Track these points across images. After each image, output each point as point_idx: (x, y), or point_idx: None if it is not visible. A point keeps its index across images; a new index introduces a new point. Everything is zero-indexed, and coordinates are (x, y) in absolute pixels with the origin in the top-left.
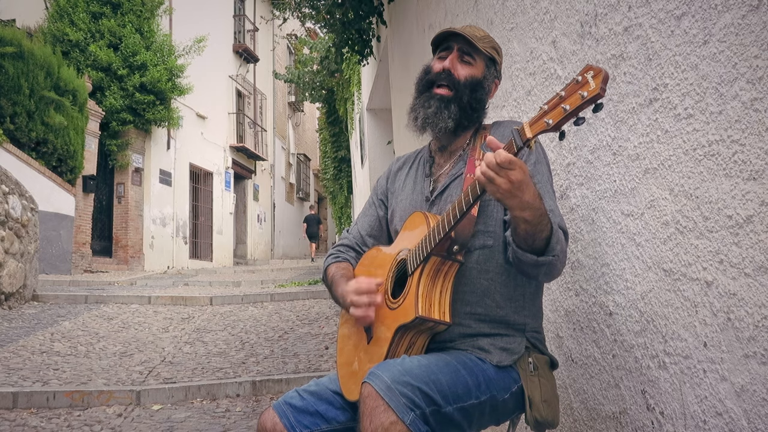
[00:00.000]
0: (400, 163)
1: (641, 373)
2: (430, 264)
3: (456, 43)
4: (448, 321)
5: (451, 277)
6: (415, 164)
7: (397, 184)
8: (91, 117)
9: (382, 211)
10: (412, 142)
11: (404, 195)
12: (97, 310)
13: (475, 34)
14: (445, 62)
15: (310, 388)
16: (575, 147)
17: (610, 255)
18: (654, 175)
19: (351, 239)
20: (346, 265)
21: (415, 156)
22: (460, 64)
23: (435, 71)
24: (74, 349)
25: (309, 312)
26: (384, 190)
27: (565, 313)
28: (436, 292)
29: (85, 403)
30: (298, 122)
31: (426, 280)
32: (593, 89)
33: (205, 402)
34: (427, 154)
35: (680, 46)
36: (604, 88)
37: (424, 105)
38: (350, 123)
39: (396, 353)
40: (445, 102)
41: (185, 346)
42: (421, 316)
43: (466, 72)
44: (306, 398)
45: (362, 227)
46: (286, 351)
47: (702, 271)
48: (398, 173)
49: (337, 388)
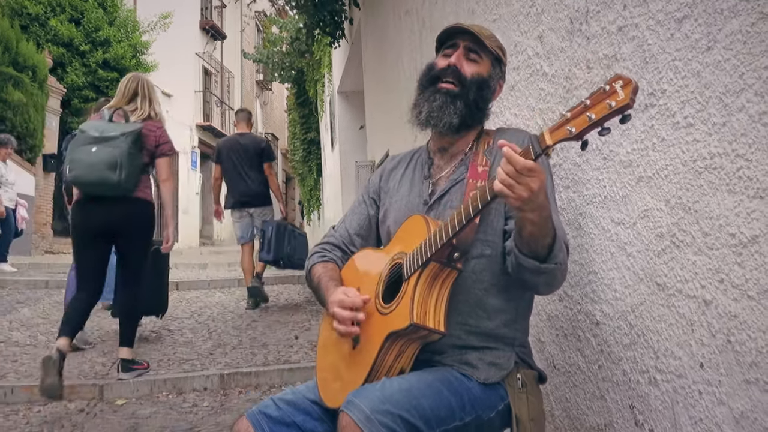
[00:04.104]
0: (395, 162)
1: (630, 387)
2: (429, 270)
3: (462, 40)
4: (442, 331)
5: (448, 285)
6: (411, 164)
7: (391, 184)
8: (52, 94)
9: (373, 210)
10: (388, 127)
11: (399, 196)
12: (59, 296)
13: (483, 32)
14: (452, 59)
15: (286, 396)
16: (561, 148)
17: (597, 263)
18: (648, 184)
19: (337, 237)
20: (333, 266)
21: (411, 156)
22: (467, 62)
23: (440, 67)
24: (34, 339)
25: (277, 298)
26: (376, 189)
27: (548, 317)
28: (432, 299)
29: (45, 399)
30: (266, 101)
31: (423, 287)
32: (622, 99)
33: (171, 396)
34: (425, 154)
35: (680, 50)
36: (634, 98)
37: (429, 99)
38: (320, 105)
39: (384, 362)
40: (451, 96)
41: (150, 335)
42: (416, 324)
43: (473, 69)
44: (282, 408)
45: (350, 225)
46: (254, 341)
47: (700, 288)
48: (392, 172)
49: (316, 397)
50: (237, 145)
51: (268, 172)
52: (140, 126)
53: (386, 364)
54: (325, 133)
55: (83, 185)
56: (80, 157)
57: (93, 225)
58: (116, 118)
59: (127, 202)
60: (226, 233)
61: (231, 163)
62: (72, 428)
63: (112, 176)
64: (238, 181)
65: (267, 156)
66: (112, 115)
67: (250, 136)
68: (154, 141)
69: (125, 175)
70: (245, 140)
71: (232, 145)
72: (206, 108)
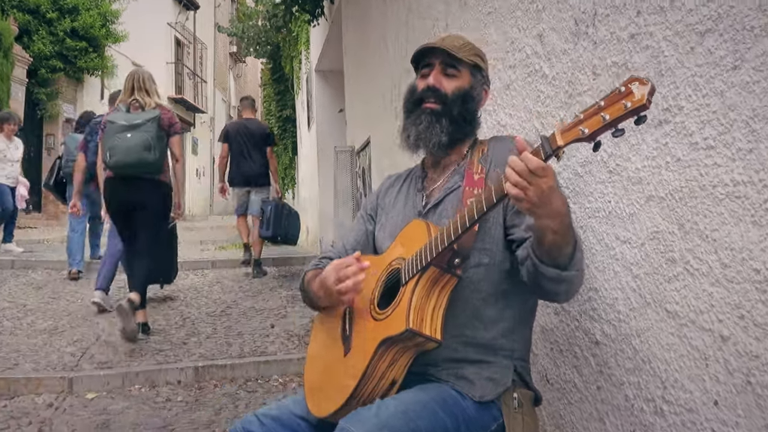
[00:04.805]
0: (392, 181)
1: (632, 413)
2: (428, 275)
3: (436, 58)
4: (438, 339)
5: (447, 292)
6: (407, 181)
7: (388, 200)
8: (18, 63)
9: (370, 226)
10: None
11: (395, 211)
12: (25, 277)
13: (455, 44)
14: (429, 79)
15: (271, 412)
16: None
17: (599, 280)
18: (660, 204)
19: (335, 253)
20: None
21: (407, 174)
22: (445, 78)
23: (420, 89)
24: (0, 325)
25: (252, 282)
26: (374, 206)
27: (541, 330)
28: (429, 306)
29: (11, 392)
30: (240, 74)
31: (421, 292)
32: (638, 100)
33: (144, 389)
34: (419, 170)
35: (702, 66)
36: (651, 100)
37: (415, 122)
38: (296, 82)
39: (376, 369)
40: (435, 116)
41: None
42: (412, 330)
43: (453, 85)
44: (267, 424)
45: (347, 241)
46: (229, 330)
47: (717, 322)
48: (389, 190)
49: (302, 413)
50: (244, 129)
51: (270, 155)
52: (158, 112)
53: (378, 371)
54: (302, 112)
55: (123, 167)
56: (118, 143)
57: (122, 199)
58: (132, 109)
59: (151, 184)
60: (197, 209)
61: (237, 144)
62: (40, 425)
63: (148, 156)
64: (243, 162)
65: (270, 141)
66: (128, 107)
67: (256, 122)
68: (167, 122)
69: (158, 154)
70: (252, 125)
71: (240, 129)
72: (178, 80)
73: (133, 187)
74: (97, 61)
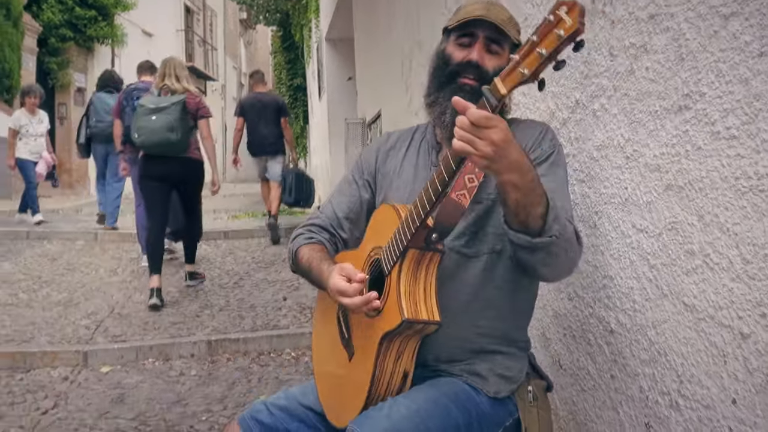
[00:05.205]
0: (392, 141)
1: (646, 405)
2: (409, 258)
3: (482, 30)
4: (437, 320)
5: (433, 269)
6: (414, 146)
7: (390, 166)
8: (28, 32)
9: (367, 194)
10: (380, 84)
11: (402, 182)
12: (41, 247)
13: (502, 17)
14: (472, 54)
15: (279, 402)
16: (577, 138)
17: (614, 268)
18: (679, 194)
19: (324, 219)
20: (321, 247)
21: (412, 135)
22: (488, 55)
23: (456, 61)
24: (15, 297)
25: (265, 253)
26: (372, 171)
27: (554, 314)
28: (419, 289)
29: (27, 365)
30: (250, 40)
31: (407, 277)
32: (570, 25)
33: (158, 363)
34: (431, 138)
35: (725, 51)
36: (582, 21)
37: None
38: (307, 51)
39: (384, 368)
40: (475, 95)
41: (135, 294)
42: (409, 319)
43: (494, 63)
44: (275, 414)
45: (339, 207)
46: (242, 302)
47: (737, 319)
48: (391, 152)
49: (311, 403)
50: (258, 103)
51: (284, 125)
52: (184, 96)
53: (387, 369)
54: (312, 81)
55: (149, 147)
56: (144, 125)
57: (155, 175)
58: (163, 94)
59: (182, 161)
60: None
61: (252, 117)
62: (56, 398)
63: (171, 136)
64: (259, 133)
65: (284, 112)
66: (160, 91)
67: (270, 95)
68: (195, 106)
69: (181, 135)
70: (265, 98)
71: (254, 102)
72: (188, 48)
73: (164, 164)
74: (106, 30)
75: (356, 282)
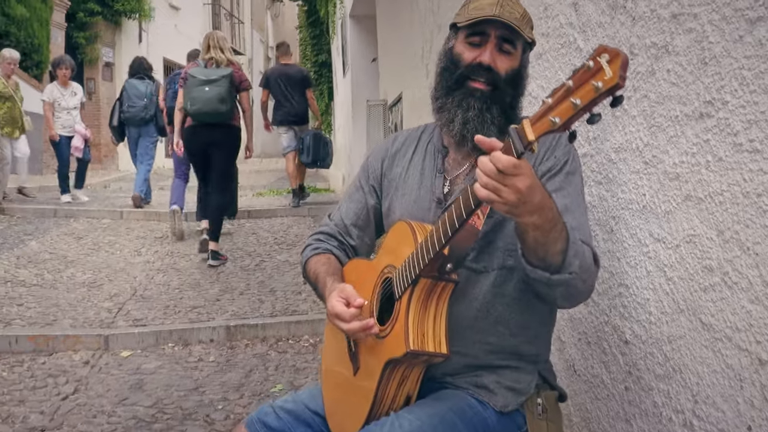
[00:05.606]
0: (400, 143)
1: (660, 421)
2: (420, 287)
3: (494, 29)
4: (444, 353)
5: (445, 299)
6: (420, 149)
7: (397, 171)
8: (56, 7)
9: (373, 200)
10: (402, 65)
11: (408, 189)
12: (67, 226)
13: (515, 15)
14: (484, 56)
15: (287, 405)
16: (595, 138)
17: (630, 277)
18: (698, 206)
19: (332, 227)
20: (327, 258)
21: (419, 137)
22: (500, 56)
23: (467, 62)
24: (40, 278)
25: (287, 233)
26: (378, 176)
27: (569, 318)
28: (429, 319)
29: (50, 348)
30: (277, 13)
31: (416, 306)
32: (610, 78)
33: (177, 348)
34: (438, 141)
35: (750, 59)
36: (624, 76)
37: (461, 105)
38: (332, 27)
39: (386, 392)
40: (486, 101)
41: (157, 275)
42: (414, 351)
43: (506, 65)
44: (282, 418)
45: (346, 214)
46: (262, 285)
47: (755, 343)
48: (397, 156)
49: (317, 407)
50: (284, 74)
51: (310, 95)
52: (231, 69)
53: (389, 393)
54: (337, 57)
55: (203, 115)
56: (198, 95)
57: (201, 142)
58: (209, 65)
59: (225, 127)
60: None
61: (278, 88)
62: (76, 384)
63: (222, 107)
64: (285, 103)
65: (308, 83)
66: (206, 64)
67: (295, 67)
68: (238, 79)
69: (230, 106)
70: (291, 70)
71: (280, 74)
72: (215, 21)
73: (211, 131)
74: (134, 4)
75: (354, 307)
